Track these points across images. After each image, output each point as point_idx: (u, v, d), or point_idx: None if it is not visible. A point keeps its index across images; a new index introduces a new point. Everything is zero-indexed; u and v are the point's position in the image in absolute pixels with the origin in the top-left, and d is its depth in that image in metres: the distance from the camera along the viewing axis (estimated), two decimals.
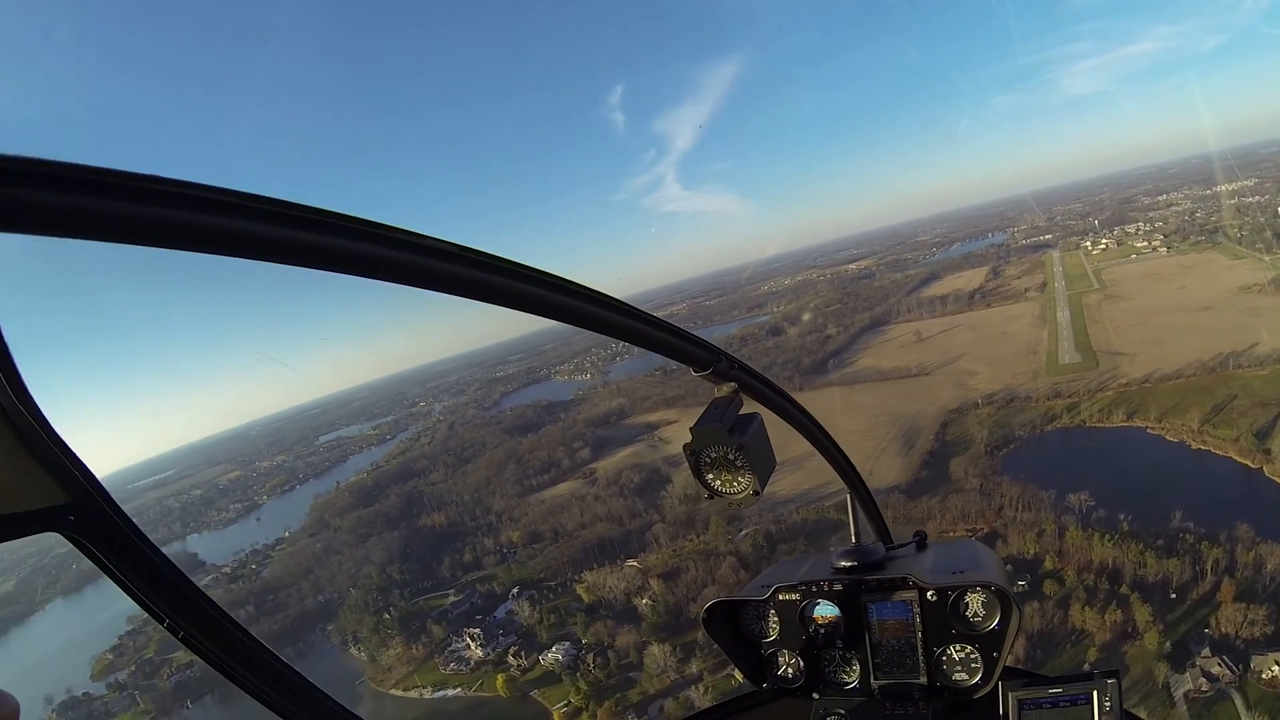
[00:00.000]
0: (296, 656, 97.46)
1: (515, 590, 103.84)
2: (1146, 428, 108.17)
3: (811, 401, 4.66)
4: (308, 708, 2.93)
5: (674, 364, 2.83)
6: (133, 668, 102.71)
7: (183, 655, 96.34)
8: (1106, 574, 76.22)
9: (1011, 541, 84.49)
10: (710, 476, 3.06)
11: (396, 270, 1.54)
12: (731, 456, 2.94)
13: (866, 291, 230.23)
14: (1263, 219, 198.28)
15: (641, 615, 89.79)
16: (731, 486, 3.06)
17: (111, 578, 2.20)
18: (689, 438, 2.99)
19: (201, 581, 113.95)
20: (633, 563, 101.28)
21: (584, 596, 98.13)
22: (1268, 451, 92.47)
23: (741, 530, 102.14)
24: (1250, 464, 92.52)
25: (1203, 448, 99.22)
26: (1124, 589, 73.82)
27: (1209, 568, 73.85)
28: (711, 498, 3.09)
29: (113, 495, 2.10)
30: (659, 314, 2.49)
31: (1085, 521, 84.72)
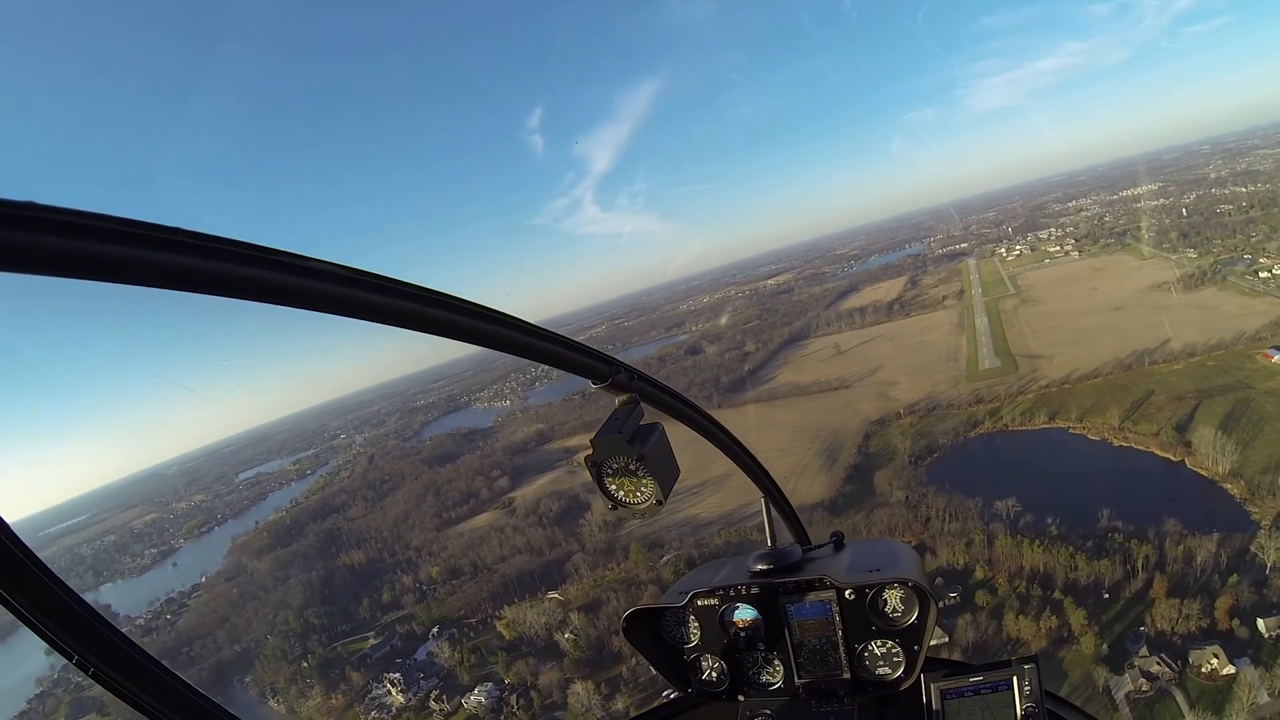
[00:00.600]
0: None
1: (435, 630, 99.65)
2: (1068, 428, 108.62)
3: (731, 420, 4.69)
4: None
5: (593, 387, 2.89)
6: None
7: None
8: (1038, 580, 74.81)
9: (940, 553, 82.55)
10: (613, 487, 3.13)
11: (271, 293, 1.54)
12: (633, 467, 3.04)
13: (785, 306, 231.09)
14: (1167, 220, 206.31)
15: (564, 651, 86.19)
16: (635, 496, 3.13)
17: (16, 615, 2.07)
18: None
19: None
20: (554, 595, 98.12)
21: (505, 634, 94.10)
22: (1188, 444, 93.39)
23: (663, 557, 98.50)
24: (1172, 457, 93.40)
25: (1125, 444, 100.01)
26: (1057, 594, 72.52)
27: (1140, 565, 73.20)
28: (615, 508, 3.17)
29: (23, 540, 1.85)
30: (579, 337, 2.65)
31: (1013, 528, 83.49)
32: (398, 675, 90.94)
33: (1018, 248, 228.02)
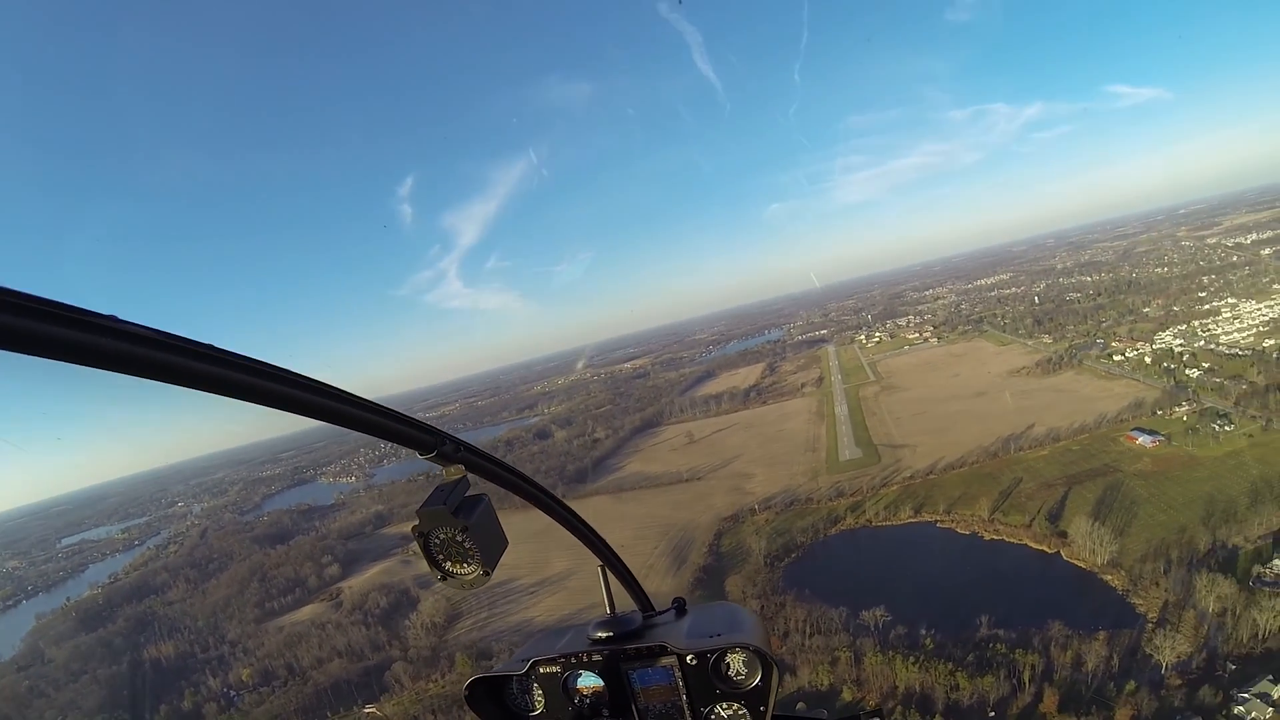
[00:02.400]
0: None
1: None
2: (936, 521, 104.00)
3: (578, 512, 4.48)
4: None
5: (438, 468, 3.03)
6: None
7: None
8: (915, 701, 67.02)
9: (801, 673, 74.54)
10: (440, 558, 3.12)
11: (70, 353, 1.55)
12: (459, 538, 3.05)
13: (639, 391, 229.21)
14: (1021, 307, 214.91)
15: None
16: (461, 568, 3.13)
17: None
18: None
19: None
20: (371, 709, 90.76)
21: None
22: (1063, 534, 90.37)
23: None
24: (1047, 549, 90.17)
25: (996, 537, 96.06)
26: (937, 718, 64.85)
27: (1027, 677, 67.15)
28: (444, 579, 3.15)
29: None
30: (433, 413, 2.93)
31: (884, 641, 76.20)
32: None
33: (877, 334, 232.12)
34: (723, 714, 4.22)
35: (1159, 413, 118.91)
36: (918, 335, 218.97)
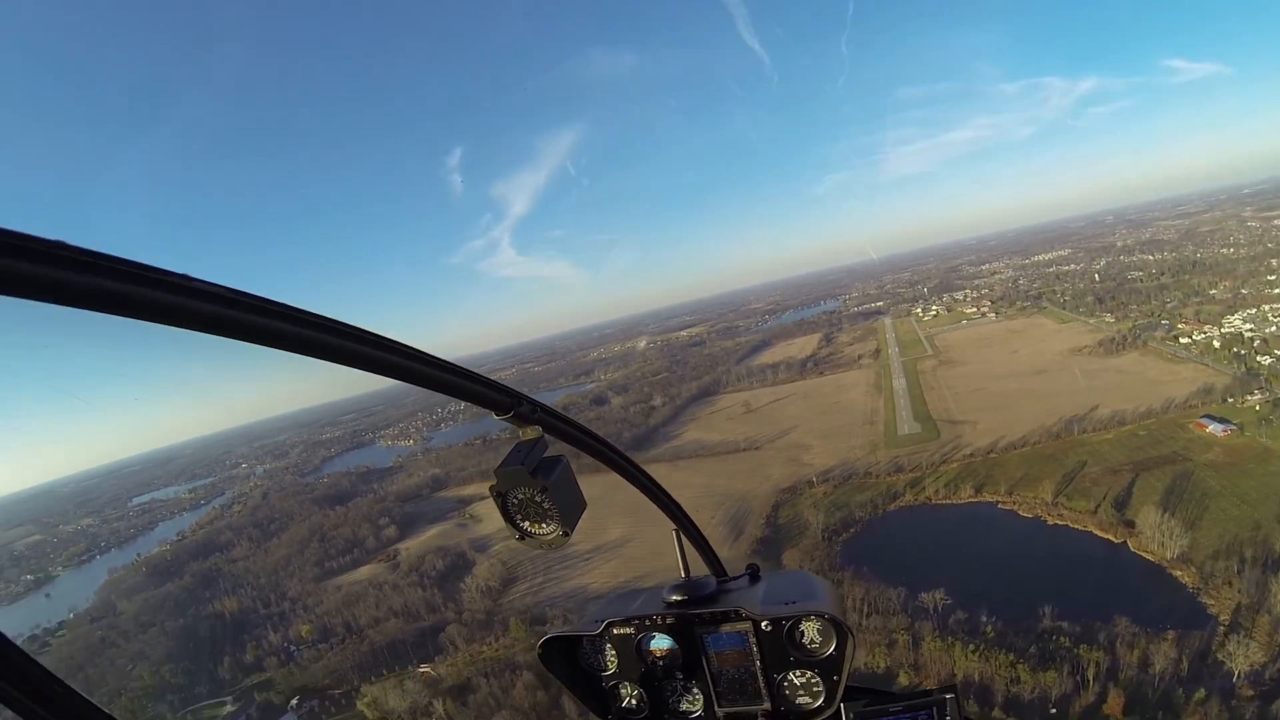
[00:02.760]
0: None
1: (295, 701, 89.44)
2: (997, 502, 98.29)
3: (625, 484, 4.30)
4: None
5: (494, 432, 3.28)
6: None
7: None
8: (973, 693, 62.09)
9: (857, 654, 69.60)
10: (518, 517, 3.06)
11: (162, 313, 1.53)
12: (538, 499, 2.99)
13: (696, 359, 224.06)
14: (1082, 285, 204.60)
15: None
16: (540, 528, 3.07)
17: None
18: (500, 516, 3.09)
19: None
20: (425, 669, 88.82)
21: (367, 714, 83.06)
22: (1130, 524, 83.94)
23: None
24: (1113, 539, 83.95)
25: (1060, 523, 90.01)
26: (997, 712, 60.21)
27: (1091, 675, 61.86)
28: (522, 539, 3.09)
29: None
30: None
31: (943, 626, 71.52)
32: None
33: (934, 308, 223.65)
34: (795, 681, 4.08)
35: (1229, 400, 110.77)
36: (975, 310, 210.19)
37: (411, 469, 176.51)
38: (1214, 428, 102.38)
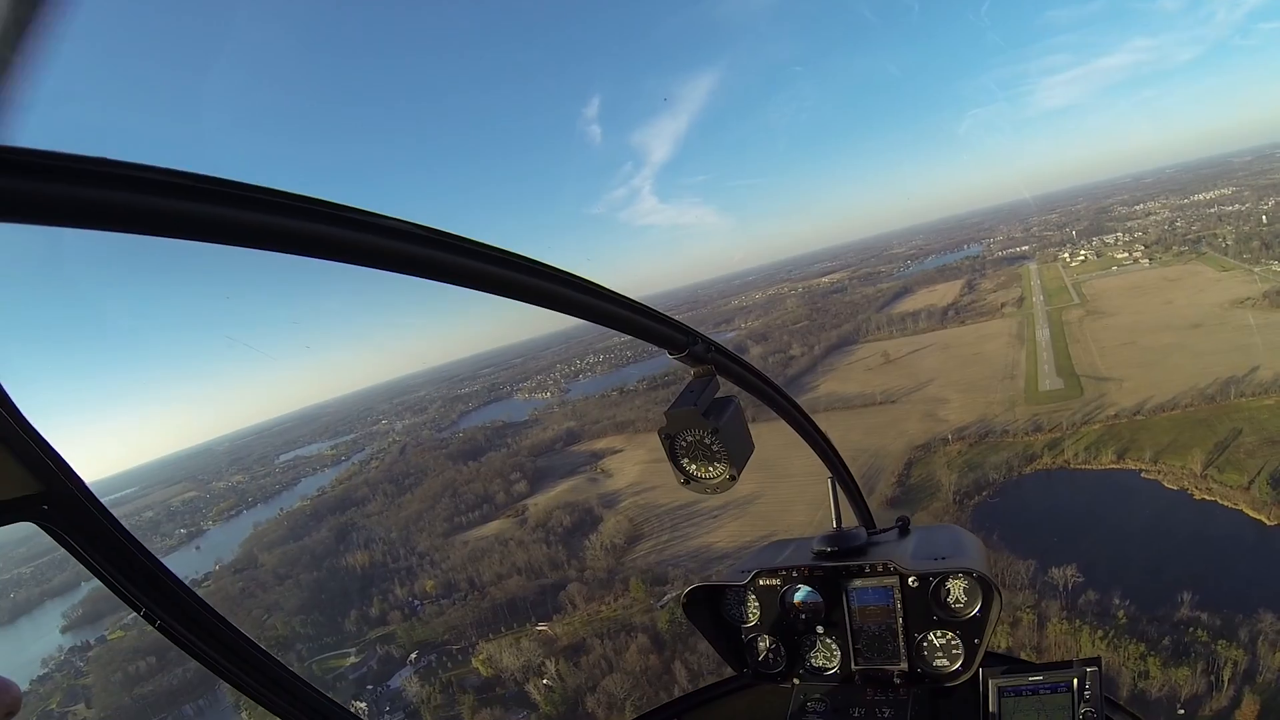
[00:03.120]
0: (195, 714, 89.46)
1: (414, 655, 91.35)
2: (1141, 471, 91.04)
3: (765, 435, 4.25)
4: (299, 703, 2.87)
5: (630, 383, 3.22)
6: None
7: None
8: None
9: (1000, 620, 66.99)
10: (685, 461, 2.94)
11: (348, 250, 1.53)
12: (707, 440, 2.86)
13: (836, 307, 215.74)
14: (1247, 228, 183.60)
15: (534, 703, 76.24)
16: (707, 471, 2.93)
17: (87, 566, 2.23)
18: (632, 469, 3.29)
19: (112, 622, 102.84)
20: (543, 627, 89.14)
21: (482, 670, 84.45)
22: None
23: (663, 597, 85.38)
24: (1266, 520, 75.68)
25: (1208, 498, 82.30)
26: (1121, 705, 56.19)
27: (1226, 677, 56.72)
28: (688, 483, 2.97)
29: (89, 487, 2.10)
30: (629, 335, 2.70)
31: (1071, 607, 67.60)
32: (364, 705, 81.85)
33: (1082, 253, 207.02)
34: (935, 642, 3.87)
35: None
36: (1127, 255, 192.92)
37: (547, 422, 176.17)
38: None
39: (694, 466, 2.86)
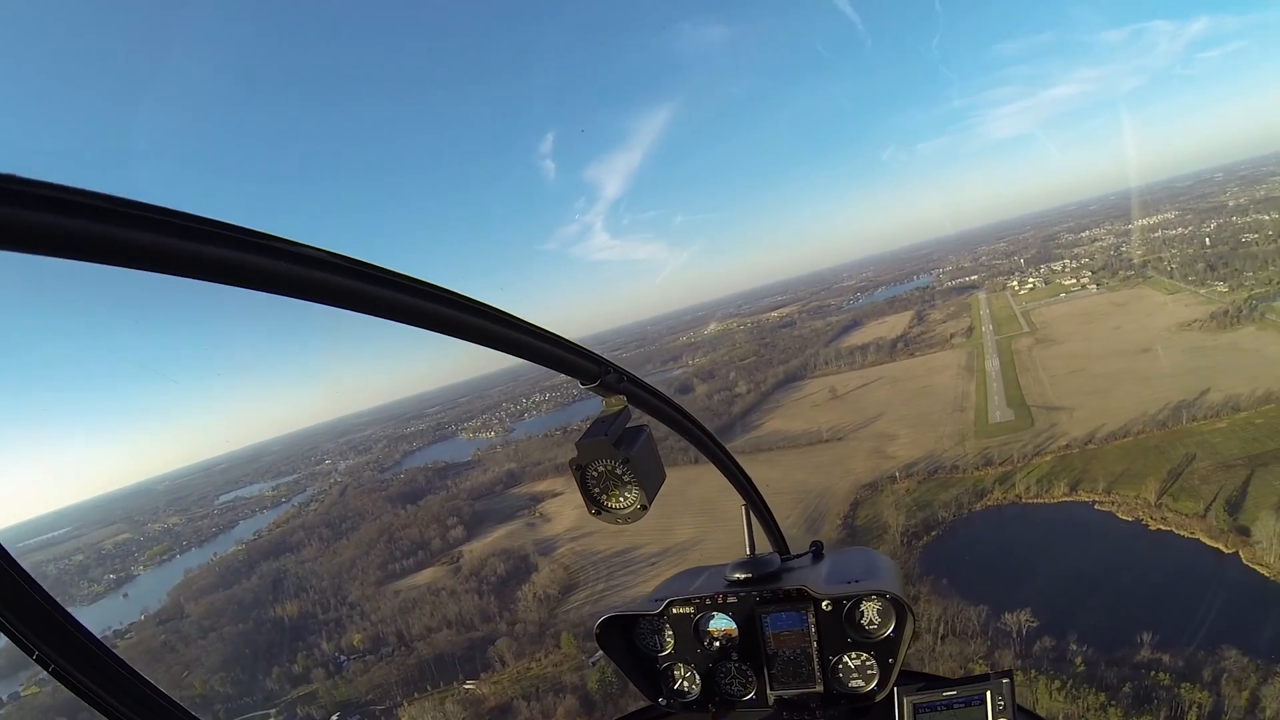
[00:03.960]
0: None
1: (336, 716, 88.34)
2: (1094, 502, 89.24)
3: (707, 476, 4.69)
4: None
5: (575, 423, 3.18)
6: None
7: None
8: None
9: (916, 639, 64.69)
10: (597, 491, 3.00)
11: (265, 280, 1.51)
12: (619, 471, 2.92)
13: (785, 341, 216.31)
14: (1190, 251, 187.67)
15: None
16: (619, 501, 2.99)
17: None
18: (570, 513, 3.41)
19: (25, 680, 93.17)
20: (470, 685, 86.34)
21: None
22: (1244, 531, 74.37)
23: (595, 653, 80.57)
24: (1224, 548, 74.21)
25: (1164, 528, 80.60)
26: (1033, 713, 53.62)
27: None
28: (599, 513, 3.04)
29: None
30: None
31: (1026, 653, 64.48)
32: None
33: (1030, 280, 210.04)
34: (850, 664, 4.03)
35: None
36: (1074, 281, 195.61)
37: (489, 463, 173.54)
38: None
39: (605, 497, 2.90)
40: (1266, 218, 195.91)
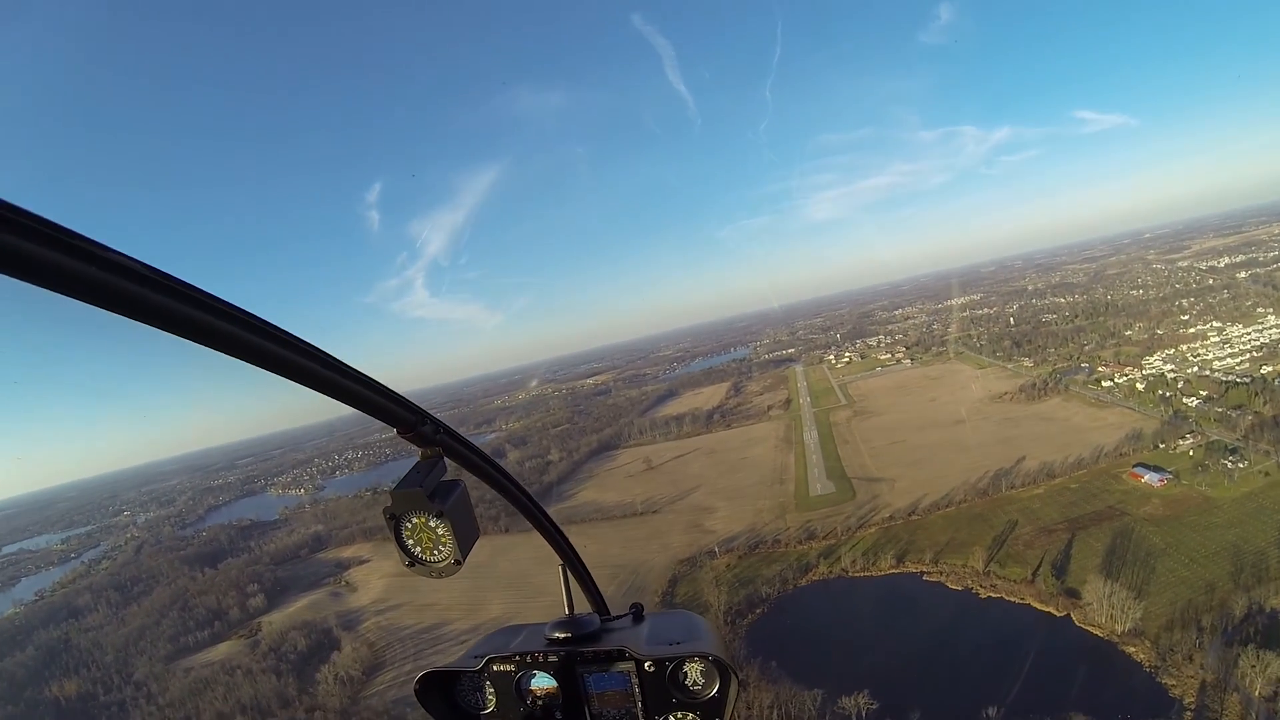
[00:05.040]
0: None
1: None
2: (922, 573, 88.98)
3: (518, 547, 11.72)
4: None
5: (386, 483, 3.13)
6: None
7: None
8: None
9: (741, 698, 62.07)
10: (410, 543, 3.03)
11: (57, 278, 1.41)
12: (433, 524, 2.97)
13: (599, 410, 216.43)
14: (997, 329, 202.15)
15: None
16: (433, 554, 3.04)
17: None
18: (378, 582, 3.30)
19: None
20: None
21: None
22: (1073, 594, 75.65)
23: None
24: (1055, 611, 75.52)
25: (994, 595, 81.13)
26: None
27: None
28: (412, 565, 3.05)
29: None
30: (391, 431, 2.78)
31: None
32: None
33: (847, 355, 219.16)
34: None
35: (1160, 445, 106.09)
36: (890, 356, 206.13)
37: (295, 523, 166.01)
38: (1149, 477, 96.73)
39: (419, 549, 2.93)
40: (1062, 300, 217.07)
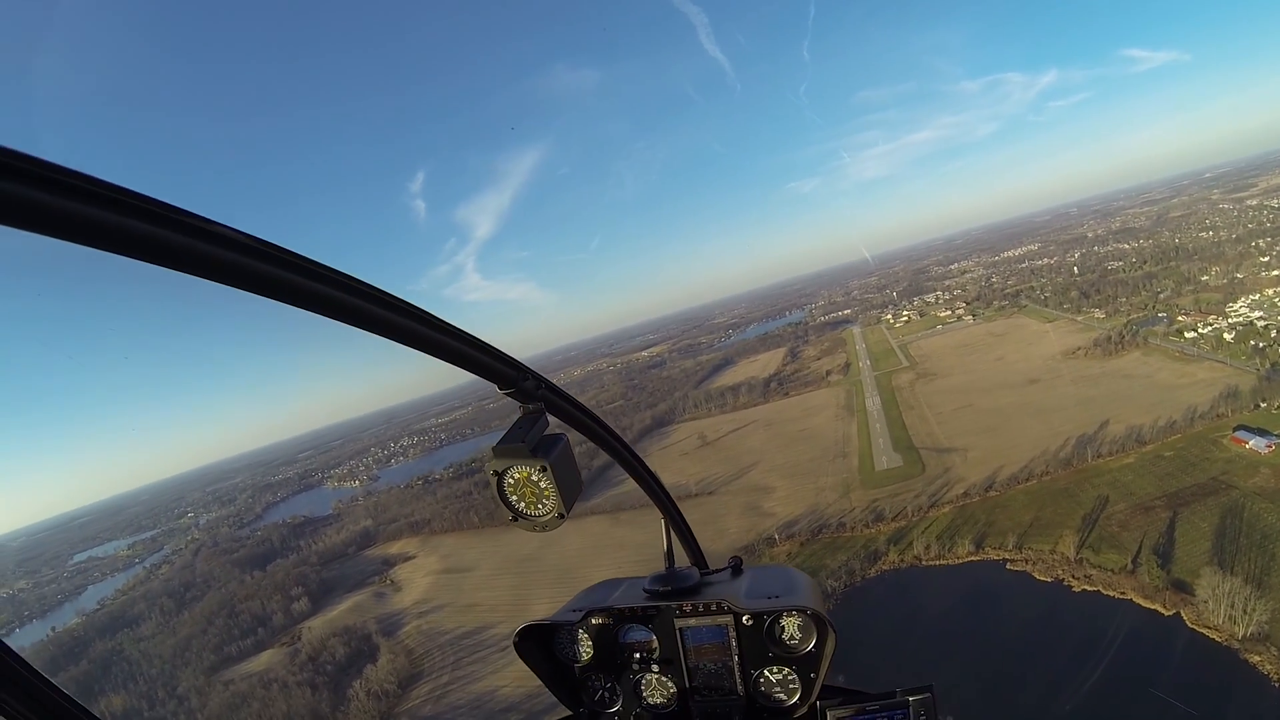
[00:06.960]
0: None
1: None
2: (1005, 561, 78.20)
3: (569, 537, 12.26)
4: None
5: (438, 470, 3.06)
6: None
7: None
8: None
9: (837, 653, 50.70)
10: (514, 498, 3.00)
11: (164, 254, 1.44)
12: (535, 477, 2.94)
13: (654, 383, 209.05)
14: (1061, 279, 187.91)
15: None
16: (536, 509, 3.01)
17: None
18: (422, 581, 3.45)
19: None
20: None
21: None
22: (1182, 586, 64.47)
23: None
24: (1163, 609, 64.01)
25: (1089, 588, 69.99)
26: None
27: None
28: (516, 520, 3.05)
29: None
30: (446, 416, 3.09)
31: None
32: None
33: (905, 313, 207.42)
34: (772, 678, 4.06)
35: (1262, 404, 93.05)
36: (950, 313, 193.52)
37: (346, 518, 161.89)
38: (1255, 442, 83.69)
39: (522, 504, 2.89)
40: (1126, 245, 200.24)
